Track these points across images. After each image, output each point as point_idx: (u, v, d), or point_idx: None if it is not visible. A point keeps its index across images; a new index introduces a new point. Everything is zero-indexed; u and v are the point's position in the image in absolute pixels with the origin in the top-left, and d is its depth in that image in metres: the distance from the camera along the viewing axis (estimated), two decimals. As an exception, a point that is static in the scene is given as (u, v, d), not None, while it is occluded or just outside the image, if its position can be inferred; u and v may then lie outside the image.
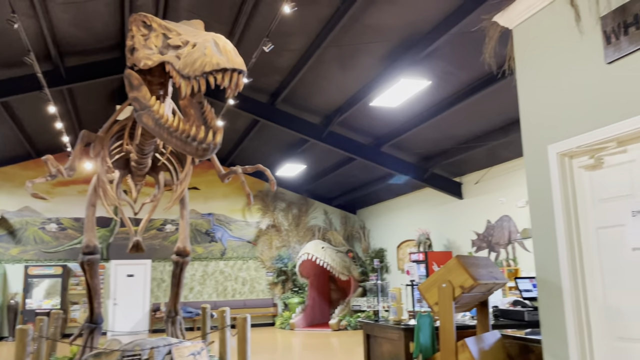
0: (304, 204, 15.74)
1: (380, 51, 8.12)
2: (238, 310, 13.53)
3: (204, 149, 2.87)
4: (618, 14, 2.80)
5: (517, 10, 3.48)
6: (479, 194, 11.18)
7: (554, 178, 3.21)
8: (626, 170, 2.87)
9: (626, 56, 2.77)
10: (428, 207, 12.90)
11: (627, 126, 2.75)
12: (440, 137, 10.32)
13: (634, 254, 2.81)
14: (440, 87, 8.61)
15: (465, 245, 11.57)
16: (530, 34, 3.44)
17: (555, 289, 3.18)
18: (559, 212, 3.17)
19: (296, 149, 12.38)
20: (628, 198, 2.86)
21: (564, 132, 3.16)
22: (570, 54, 3.13)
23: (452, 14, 6.85)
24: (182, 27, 3.20)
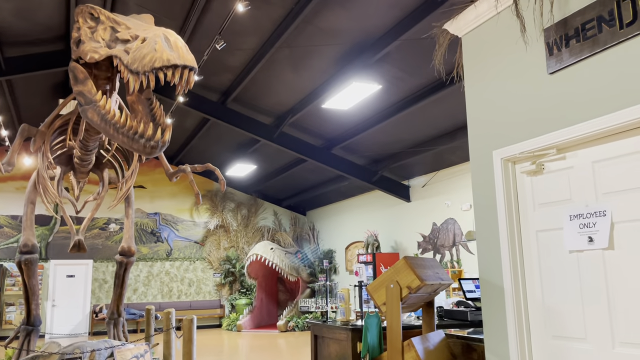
0: (254, 205, 15.63)
1: (333, 54, 8.18)
2: (184, 312, 13.27)
3: (151, 146, 2.81)
4: (560, 26, 2.94)
5: (466, 19, 3.59)
6: (425, 197, 11.44)
7: (498, 182, 3.33)
8: (565, 176, 3.02)
9: (567, 67, 2.91)
10: (377, 209, 13.09)
11: (566, 134, 2.89)
12: (389, 141, 10.51)
13: (570, 256, 2.95)
14: (390, 92, 8.77)
15: (411, 247, 11.81)
16: (478, 43, 3.56)
17: (497, 289, 3.30)
18: (502, 216, 3.29)
19: (247, 149, 12.29)
20: (566, 203, 3.00)
21: (508, 139, 3.29)
22: (515, 63, 3.26)
23: (403, 20, 6.99)
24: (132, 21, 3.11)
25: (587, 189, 2.88)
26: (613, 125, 2.65)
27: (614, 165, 2.74)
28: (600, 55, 2.73)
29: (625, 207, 2.67)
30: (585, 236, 2.85)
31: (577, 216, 2.91)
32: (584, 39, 2.81)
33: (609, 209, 2.75)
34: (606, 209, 2.76)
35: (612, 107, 2.66)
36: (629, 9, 2.56)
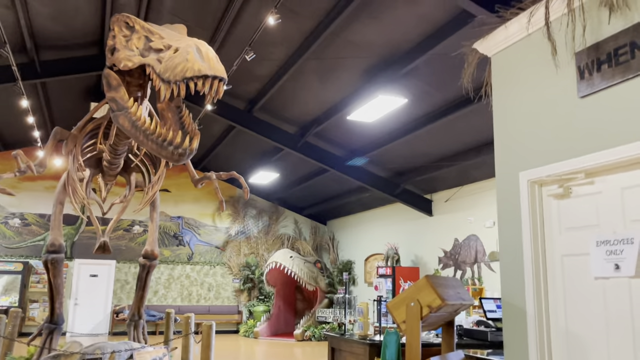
0: (275, 212, 15.70)
1: (360, 66, 8.21)
2: (202, 316, 13.36)
3: (179, 153, 2.87)
4: (592, 51, 2.92)
5: (496, 40, 3.59)
6: (448, 212, 11.36)
7: (524, 204, 3.31)
8: (593, 201, 2.98)
9: (598, 92, 2.89)
10: (398, 222, 13.03)
11: (596, 159, 2.86)
12: (413, 154, 10.47)
13: (596, 283, 2.91)
14: (416, 106, 8.76)
15: (432, 262, 11.72)
16: (508, 63, 3.55)
17: (519, 313, 3.26)
18: (527, 238, 3.26)
19: (270, 157, 12.38)
20: (593, 228, 2.96)
21: (536, 161, 3.26)
22: (545, 85, 3.24)
23: (431, 35, 7.00)
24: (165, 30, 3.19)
25: (615, 215, 2.84)
26: None
27: None
28: (633, 82, 2.70)
29: (655, 236, 2.63)
30: (612, 263, 2.81)
31: (604, 242, 2.87)
32: (616, 64, 2.78)
33: (637, 237, 2.71)
34: (634, 236, 2.72)
35: (636, 136, 2.62)
36: (664, 35, 2.54)
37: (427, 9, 6.60)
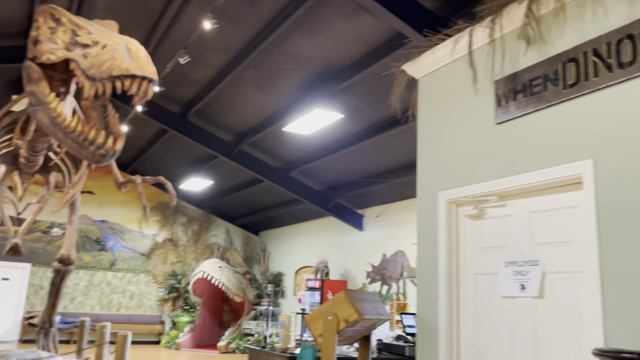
0: (206, 221, 15.39)
1: (298, 79, 8.26)
2: (122, 326, 12.80)
3: (101, 154, 2.76)
4: (510, 80, 3.08)
5: (424, 63, 3.71)
6: (378, 228, 11.56)
7: (441, 223, 3.42)
8: (504, 223, 3.12)
9: (513, 120, 3.04)
10: (329, 235, 13.12)
11: (508, 183, 3.01)
12: (347, 169, 10.61)
13: (503, 301, 3.04)
14: (351, 122, 8.90)
15: (360, 276, 11.86)
16: (434, 86, 3.68)
17: (432, 328, 3.35)
18: (443, 256, 3.36)
19: (204, 164, 12.16)
20: (503, 249, 3.10)
21: (454, 182, 3.39)
22: (466, 110, 3.38)
23: (368, 54, 7.15)
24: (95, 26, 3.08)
25: (523, 237, 2.99)
26: (550, 179, 2.78)
27: (548, 218, 2.86)
28: (544, 112, 2.87)
29: (555, 259, 2.78)
30: (518, 283, 2.95)
31: (512, 263, 3.01)
32: (530, 95, 2.95)
33: (541, 259, 2.86)
34: (539, 258, 2.87)
35: (550, 162, 2.79)
36: (572, 71, 2.72)
37: (365, 29, 6.75)
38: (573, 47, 2.72)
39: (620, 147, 2.46)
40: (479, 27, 3.21)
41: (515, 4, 2.97)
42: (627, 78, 2.45)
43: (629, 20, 2.48)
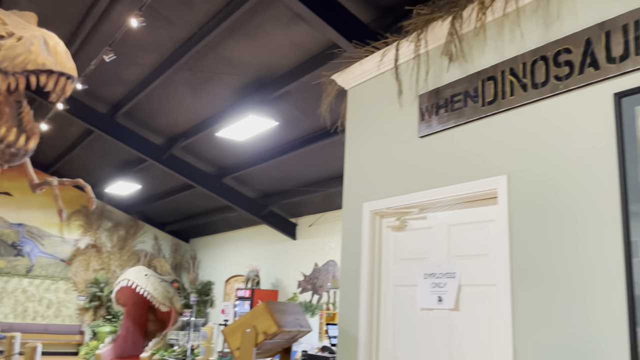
0: (133, 226, 14.80)
1: (233, 84, 8.13)
2: (37, 336, 12.03)
3: (12, 153, 2.59)
4: (433, 95, 3.13)
5: (353, 74, 3.72)
6: (311, 237, 11.54)
7: (365, 234, 3.41)
8: (424, 235, 3.16)
9: (434, 134, 3.09)
10: (262, 244, 12.97)
11: (428, 196, 3.04)
12: (282, 177, 10.54)
13: (421, 313, 3.06)
14: (287, 130, 8.85)
15: (291, 286, 11.78)
16: (362, 98, 3.70)
17: (352, 340, 3.33)
18: (365, 266, 3.36)
19: (132, 167, 11.70)
20: (422, 261, 3.13)
21: (378, 193, 3.40)
22: (391, 122, 3.41)
23: (304, 63, 7.14)
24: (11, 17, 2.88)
25: (441, 250, 3.03)
26: (467, 193, 2.83)
27: (465, 231, 2.92)
28: (463, 127, 2.93)
29: (471, 272, 2.84)
30: (436, 295, 2.98)
31: (431, 275, 3.04)
32: (451, 110, 3.01)
33: (458, 272, 2.90)
34: (456, 271, 2.91)
35: (469, 176, 2.84)
36: (490, 88, 2.79)
37: (301, 37, 6.74)
38: (492, 66, 2.80)
39: (531, 164, 2.54)
40: (405, 41, 3.25)
41: (439, 21, 3.03)
42: (539, 98, 2.55)
43: (543, 42, 2.58)
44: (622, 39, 2.25)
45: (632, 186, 2.12)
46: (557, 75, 2.48)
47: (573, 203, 2.34)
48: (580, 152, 2.34)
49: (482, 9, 2.75)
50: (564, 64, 2.46)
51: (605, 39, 2.31)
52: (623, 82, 2.24)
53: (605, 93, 2.29)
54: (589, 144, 2.32)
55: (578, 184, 2.33)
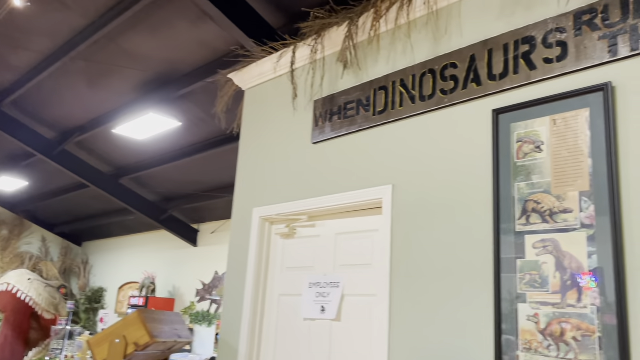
0: (19, 226, 13.61)
1: (134, 78, 7.71)
2: None
3: None
4: (327, 101, 3.09)
5: (251, 74, 3.60)
6: (212, 244, 11.21)
7: (253, 241, 3.28)
8: (312, 243, 3.08)
9: (326, 141, 3.04)
10: (160, 250, 12.41)
11: (317, 204, 2.97)
12: (185, 181, 10.16)
13: (304, 323, 2.97)
14: (191, 131, 8.53)
15: (189, 294, 11.35)
16: (258, 100, 3.58)
17: (232, 352, 3.17)
18: (251, 274, 3.22)
19: (19, 161, 10.76)
20: (309, 270, 3.05)
21: (269, 199, 3.29)
22: (286, 127, 3.32)
23: (211, 63, 6.91)
24: None
25: (328, 258, 2.97)
26: (355, 202, 2.79)
27: (350, 240, 2.88)
28: (355, 136, 2.90)
29: (354, 281, 2.80)
30: (319, 305, 2.91)
31: (316, 284, 2.96)
32: (344, 117, 2.97)
33: (342, 281, 2.85)
34: (340, 280, 2.86)
35: (357, 185, 2.81)
36: (382, 98, 2.79)
37: (209, 36, 6.52)
38: (384, 76, 2.80)
39: (415, 175, 2.55)
40: (302, 44, 3.18)
41: (336, 27, 2.99)
42: (426, 110, 2.57)
43: (432, 56, 2.61)
44: (503, 57, 2.32)
45: (504, 203, 2.17)
46: (443, 89, 2.52)
47: (452, 217, 2.36)
48: (460, 166, 2.38)
49: (377, 18, 2.75)
50: (450, 79, 2.50)
51: (488, 56, 2.37)
52: (501, 99, 2.30)
53: (486, 109, 2.35)
54: (468, 159, 2.36)
55: (457, 198, 2.36)
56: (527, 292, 2.04)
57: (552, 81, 2.15)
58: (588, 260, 1.91)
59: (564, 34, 2.14)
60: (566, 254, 1.97)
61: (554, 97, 2.11)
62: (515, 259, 2.09)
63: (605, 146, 1.94)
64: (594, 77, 2.03)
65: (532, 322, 2.00)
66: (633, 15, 1.95)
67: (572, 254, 1.95)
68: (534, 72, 2.20)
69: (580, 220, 1.96)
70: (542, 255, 2.03)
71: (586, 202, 1.95)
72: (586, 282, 1.92)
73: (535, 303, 2.01)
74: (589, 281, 1.92)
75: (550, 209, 2.04)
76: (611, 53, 1.98)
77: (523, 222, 2.11)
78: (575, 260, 1.94)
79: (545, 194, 2.07)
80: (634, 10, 1.94)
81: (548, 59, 2.17)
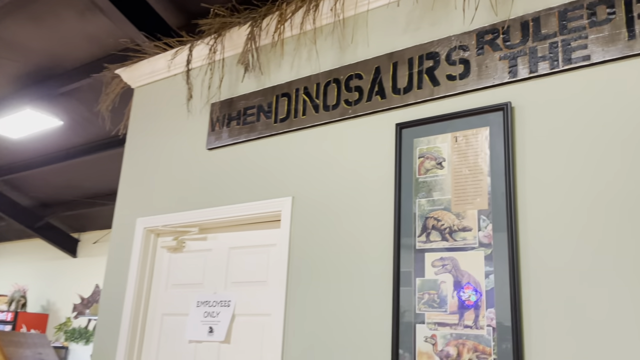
0: None
1: (10, 71, 6.92)
2: None
3: None
4: (226, 105, 2.89)
5: (142, 71, 3.30)
6: (94, 255, 10.38)
7: (135, 253, 2.97)
8: (202, 258, 2.85)
9: (223, 147, 2.83)
10: (35, 260, 11.28)
11: (210, 215, 2.75)
12: (64, 186, 9.31)
13: (189, 346, 2.72)
14: (74, 132, 7.84)
15: (65, 309, 10.40)
16: (148, 100, 3.29)
17: (106, 378, 2.83)
18: (131, 291, 2.90)
19: None
20: (197, 287, 2.81)
21: (156, 208, 3.00)
22: (179, 131, 3.06)
23: (100, 59, 6.39)
24: None
25: (219, 275, 2.75)
26: (251, 214, 2.61)
27: (245, 255, 2.69)
28: (254, 143, 2.73)
29: (247, 300, 2.60)
30: (207, 326, 2.67)
31: (205, 303, 2.73)
32: (243, 123, 2.79)
33: (233, 300, 2.64)
34: (231, 299, 2.65)
35: (255, 196, 2.63)
36: (284, 105, 2.64)
37: (98, 30, 6.01)
38: (287, 82, 2.66)
39: (317, 187, 2.43)
40: (201, 43, 2.96)
41: (237, 27, 2.81)
42: (329, 121, 2.46)
43: (337, 65, 2.52)
44: (408, 71, 2.28)
45: (405, 219, 2.11)
46: (348, 100, 2.43)
47: (354, 232, 2.26)
48: (363, 179, 2.29)
49: (281, 22, 2.61)
50: (355, 89, 2.42)
51: (393, 69, 2.32)
52: (405, 113, 2.25)
53: (389, 123, 2.29)
54: (371, 172, 2.28)
55: (359, 211, 2.26)
56: (426, 312, 1.98)
57: (454, 98, 2.14)
58: (485, 280, 1.89)
59: (466, 52, 2.14)
60: (464, 273, 1.94)
61: (455, 114, 2.09)
62: (415, 278, 2.03)
63: (503, 165, 1.94)
64: (495, 97, 2.04)
65: (429, 343, 1.94)
66: (532, 37, 1.98)
67: (470, 274, 1.92)
68: (437, 88, 2.18)
69: (478, 239, 1.94)
70: (441, 274, 1.98)
71: (484, 220, 1.94)
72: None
73: (433, 324, 1.95)
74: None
75: (450, 227, 2.00)
76: (511, 73, 2.00)
77: (423, 240, 2.05)
78: (473, 279, 1.91)
79: (446, 211, 2.03)
80: (533, 33, 1.98)
81: (451, 75, 2.15)
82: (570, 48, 1.89)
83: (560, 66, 1.90)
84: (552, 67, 1.92)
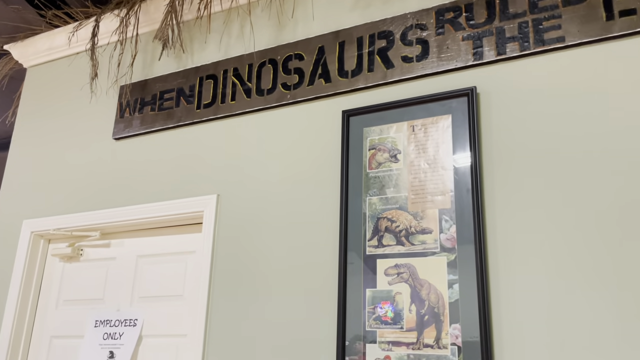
0: None
1: None
2: None
3: None
4: (138, 87, 2.45)
5: (37, 48, 2.78)
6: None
7: (19, 263, 2.43)
8: (104, 269, 2.37)
9: (134, 136, 2.40)
10: None
11: (115, 216, 2.29)
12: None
13: (84, 375, 2.23)
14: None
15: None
16: (44, 81, 2.77)
17: (-28, 420, 2.26)
18: (11, 310, 2.36)
19: None
20: (97, 303, 2.33)
21: (47, 209, 2.49)
22: (79, 116, 2.58)
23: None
24: None
25: (124, 288, 2.29)
26: (166, 215, 2.19)
27: (156, 265, 2.25)
28: (172, 132, 2.32)
29: (158, 319, 2.17)
30: (107, 350, 2.20)
31: (105, 322, 2.26)
32: (159, 109, 2.37)
33: (141, 318, 2.20)
34: (138, 317, 2.20)
35: (169, 194, 2.22)
36: (209, 89, 2.27)
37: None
38: (214, 62, 2.29)
39: (248, 184, 2.07)
40: (110, 14, 2.52)
41: (156, -3, 2.41)
42: (264, 107, 2.12)
43: (274, 44, 2.19)
44: (356, 52, 1.99)
45: (353, 220, 1.81)
46: (286, 83, 2.10)
47: (292, 236, 1.92)
48: (304, 174, 1.97)
49: (209, -9, 2.25)
50: (294, 72, 2.10)
51: (339, 49, 2.03)
52: (354, 99, 1.96)
53: (335, 110, 1.99)
54: (313, 166, 1.96)
55: (299, 212, 1.93)
56: (377, 330, 1.67)
57: (411, 82, 1.88)
58: (449, 291, 1.62)
59: (425, 31, 1.89)
60: (424, 282, 1.66)
61: (412, 100, 1.83)
62: (364, 289, 1.72)
63: (468, 158, 1.70)
64: (457, 81, 1.80)
65: (382, 366, 1.63)
66: (499, 16, 1.77)
67: (430, 283, 1.65)
68: (390, 70, 1.91)
69: (440, 242, 1.67)
70: (396, 284, 1.69)
71: (447, 221, 1.68)
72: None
73: (386, 343, 1.65)
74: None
75: (407, 229, 1.72)
76: (476, 55, 1.78)
77: (374, 244, 1.75)
78: (434, 290, 1.64)
79: (401, 210, 1.75)
80: (500, 12, 1.77)
81: (407, 57, 1.90)
82: (542, 28, 1.69)
83: (531, 48, 1.70)
84: (522, 48, 1.71)
